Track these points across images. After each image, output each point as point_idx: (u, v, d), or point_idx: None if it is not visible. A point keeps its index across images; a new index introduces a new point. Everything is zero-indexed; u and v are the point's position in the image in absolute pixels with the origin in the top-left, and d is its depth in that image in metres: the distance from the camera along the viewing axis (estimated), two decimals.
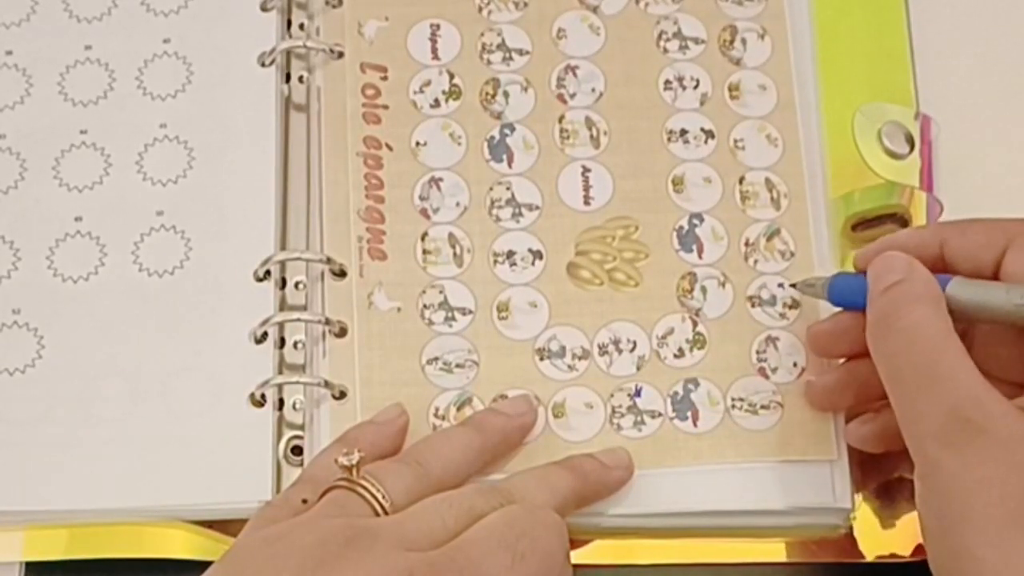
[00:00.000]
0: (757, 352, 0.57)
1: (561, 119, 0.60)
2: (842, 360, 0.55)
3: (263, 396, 0.57)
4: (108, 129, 0.62)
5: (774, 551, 0.56)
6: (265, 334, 0.58)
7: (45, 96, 0.63)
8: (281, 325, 0.58)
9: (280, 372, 0.58)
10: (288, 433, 0.58)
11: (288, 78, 0.63)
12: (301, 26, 0.63)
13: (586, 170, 0.59)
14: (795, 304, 0.57)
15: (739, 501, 0.55)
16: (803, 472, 0.55)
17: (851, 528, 0.56)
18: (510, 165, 0.60)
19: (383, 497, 0.49)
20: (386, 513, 0.49)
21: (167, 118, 0.62)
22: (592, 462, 0.54)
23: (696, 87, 0.60)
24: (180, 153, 0.61)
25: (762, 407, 0.56)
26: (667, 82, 0.61)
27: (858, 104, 0.61)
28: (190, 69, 0.63)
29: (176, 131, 0.62)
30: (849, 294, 0.53)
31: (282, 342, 0.59)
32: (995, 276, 0.51)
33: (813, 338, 0.56)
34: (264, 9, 0.63)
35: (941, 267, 0.52)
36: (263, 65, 0.62)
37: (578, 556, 0.55)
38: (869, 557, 0.56)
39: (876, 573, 0.56)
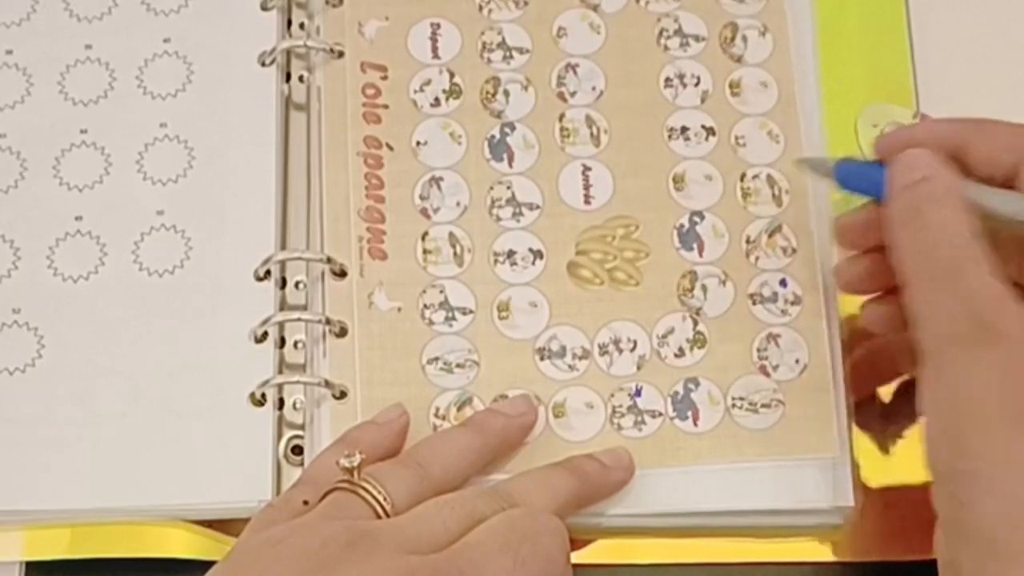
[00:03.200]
0: (758, 350, 0.56)
1: (561, 118, 0.60)
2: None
3: (263, 396, 0.57)
4: (108, 128, 0.62)
5: (775, 551, 0.56)
6: (265, 334, 0.58)
7: (45, 95, 0.62)
8: (281, 325, 0.58)
9: (280, 372, 0.58)
10: (288, 433, 0.58)
11: (288, 78, 0.63)
12: (301, 25, 0.63)
13: (586, 169, 0.59)
14: (797, 300, 0.57)
15: (739, 501, 0.54)
16: (804, 471, 0.55)
17: (852, 527, 0.55)
18: (510, 164, 0.59)
19: (384, 499, 0.49)
20: (387, 515, 0.49)
21: (167, 117, 0.62)
22: (593, 463, 0.54)
23: (697, 84, 0.60)
24: (180, 152, 0.61)
25: (763, 405, 0.55)
26: (667, 79, 0.60)
27: (859, 104, 0.61)
28: (190, 69, 0.63)
29: (176, 130, 0.62)
30: (860, 180, 0.52)
31: (282, 342, 0.59)
32: (1010, 184, 0.50)
33: (842, 230, 0.55)
34: (264, 8, 0.63)
35: (958, 166, 0.51)
36: (263, 65, 0.62)
37: (578, 556, 0.55)
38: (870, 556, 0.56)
39: (876, 573, 0.56)
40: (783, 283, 0.57)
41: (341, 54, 0.61)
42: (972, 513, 0.45)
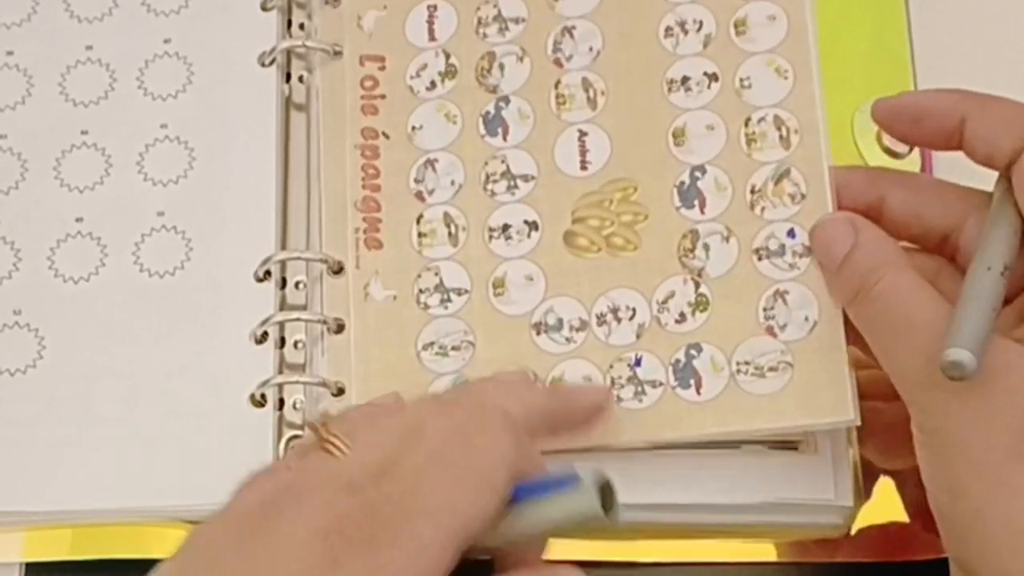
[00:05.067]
0: (764, 309, 0.52)
1: (557, 84, 0.58)
2: None
3: (263, 396, 0.57)
4: (109, 129, 0.62)
5: (773, 551, 0.56)
6: (265, 334, 0.58)
7: (46, 96, 0.63)
8: (281, 325, 0.58)
9: (280, 372, 0.58)
10: (288, 433, 0.57)
11: (288, 78, 0.63)
12: (301, 26, 0.63)
13: (583, 134, 0.57)
14: (806, 251, 0.52)
15: (736, 495, 0.53)
16: (803, 469, 0.54)
17: (852, 528, 0.55)
18: (505, 138, 0.58)
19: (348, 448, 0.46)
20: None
21: (168, 118, 0.62)
22: (565, 385, 0.53)
23: (699, 29, 0.56)
24: (181, 153, 0.61)
25: (770, 369, 0.52)
26: (668, 29, 0.57)
27: (858, 104, 0.61)
28: (191, 69, 0.63)
29: (177, 131, 0.62)
30: None
31: (282, 342, 0.59)
32: (1009, 165, 0.49)
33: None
34: (264, 9, 0.63)
35: (957, 142, 0.50)
36: (263, 65, 0.62)
37: (579, 556, 0.55)
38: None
39: (877, 573, 0.56)
40: (791, 234, 0.53)
41: (339, 53, 0.61)
42: (983, 549, 0.45)
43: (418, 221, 0.57)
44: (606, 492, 0.44)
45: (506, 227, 0.56)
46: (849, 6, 0.63)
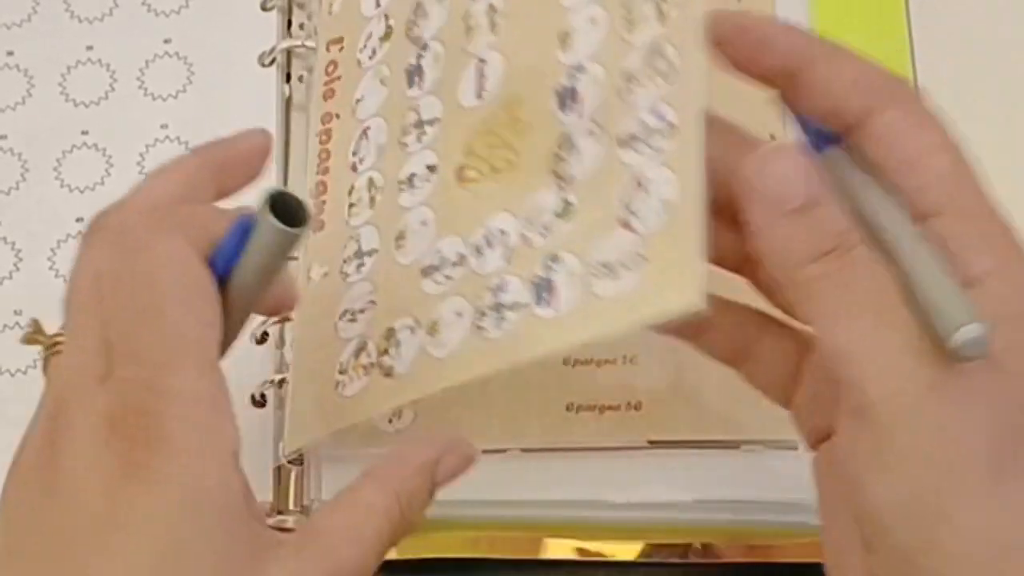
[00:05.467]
0: (623, 202, 0.45)
1: (466, 16, 0.53)
2: None
3: (263, 396, 0.57)
4: (109, 130, 0.62)
5: (772, 551, 0.56)
6: (265, 334, 0.58)
7: (46, 97, 0.63)
8: (282, 325, 0.58)
9: (280, 372, 0.58)
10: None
11: (288, 78, 0.63)
12: (301, 26, 0.63)
13: (481, 62, 0.52)
14: (671, 130, 0.44)
15: (736, 495, 0.53)
16: (803, 469, 0.53)
17: None
18: (420, 87, 0.54)
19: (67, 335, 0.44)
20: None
21: (168, 118, 0.62)
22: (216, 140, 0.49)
23: None
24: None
25: (622, 266, 0.45)
26: None
27: None
28: (191, 69, 0.63)
29: (177, 131, 0.62)
30: None
31: (283, 342, 0.59)
32: (853, 126, 0.42)
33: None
34: (264, 8, 0.63)
35: (789, 86, 0.43)
36: (263, 65, 0.62)
37: (580, 553, 0.55)
38: None
39: None
40: (658, 114, 0.45)
41: None
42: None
43: (349, 193, 0.55)
44: (288, 208, 0.43)
45: (412, 177, 0.53)
46: (849, 6, 0.63)
